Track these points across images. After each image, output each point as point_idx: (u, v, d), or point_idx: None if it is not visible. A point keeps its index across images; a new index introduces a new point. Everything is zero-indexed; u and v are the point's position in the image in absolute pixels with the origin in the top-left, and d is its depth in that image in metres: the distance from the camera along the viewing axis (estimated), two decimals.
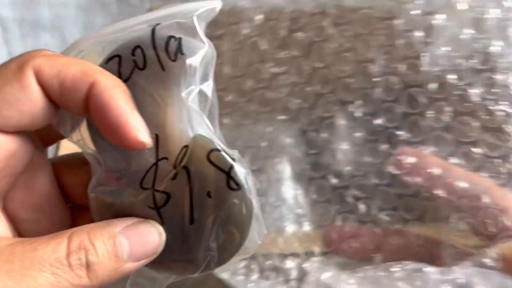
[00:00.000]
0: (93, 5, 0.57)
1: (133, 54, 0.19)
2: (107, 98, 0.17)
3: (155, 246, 0.18)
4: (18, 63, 0.17)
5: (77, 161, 0.21)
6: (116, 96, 0.17)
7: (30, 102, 0.17)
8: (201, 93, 0.19)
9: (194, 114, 0.19)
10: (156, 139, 0.18)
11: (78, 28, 0.58)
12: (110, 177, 0.19)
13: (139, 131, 0.17)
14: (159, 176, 0.18)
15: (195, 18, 0.19)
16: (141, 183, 0.19)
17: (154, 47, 0.18)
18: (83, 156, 0.20)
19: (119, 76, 0.19)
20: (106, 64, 0.19)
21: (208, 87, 0.19)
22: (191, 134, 0.19)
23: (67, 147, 0.34)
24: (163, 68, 0.18)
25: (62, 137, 0.20)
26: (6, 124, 0.17)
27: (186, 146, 0.18)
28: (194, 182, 0.18)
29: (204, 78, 0.19)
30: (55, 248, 0.16)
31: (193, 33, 0.19)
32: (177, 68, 0.18)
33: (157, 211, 0.18)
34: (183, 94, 0.18)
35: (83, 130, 0.19)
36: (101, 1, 0.57)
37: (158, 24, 0.19)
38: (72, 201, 0.21)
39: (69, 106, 0.18)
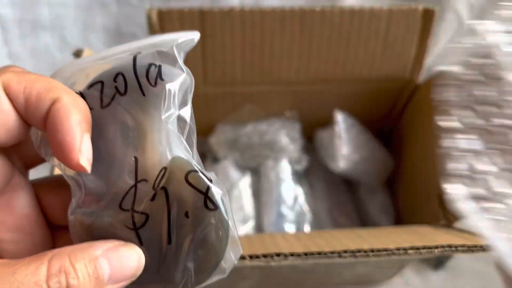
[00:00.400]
0: (93, 5, 0.57)
1: (115, 80, 0.19)
2: (62, 116, 0.17)
3: (135, 269, 0.18)
4: None
5: (58, 183, 0.21)
6: (71, 115, 0.17)
7: (3, 114, 0.17)
8: (180, 118, 0.20)
9: (172, 137, 0.19)
10: (135, 161, 0.19)
11: (78, 28, 0.58)
12: (89, 200, 0.19)
13: (82, 154, 0.17)
14: (138, 198, 0.19)
15: (174, 48, 0.20)
16: (120, 205, 0.19)
17: (136, 74, 0.19)
18: (64, 178, 0.20)
19: (101, 101, 0.19)
20: (88, 89, 0.19)
21: (187, 112, 0.20)
22: (169, 156, 0.19)
23: None
24: (143, 93, 0.19)
25: (44, 160, 0.21)
26: None
27: (164, 168, 0.19)
28: (172, 203, 0.18)
29: (183, 104, 0.20)
30: (34, 271, 0.15)
31: (173, 61, 0.20)
32: (157, 93, 0.19)
33: (135, 232, 0.18)
34: (163, 117, 0.19)
35: None
36: (101, 1, 0.57)
37: (139, 52, 0.19)
38: (53, 222, 0.21)
39: (34, 121, 0.18)
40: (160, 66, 0.19)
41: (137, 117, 0.19)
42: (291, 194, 0.53)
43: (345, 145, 0.52)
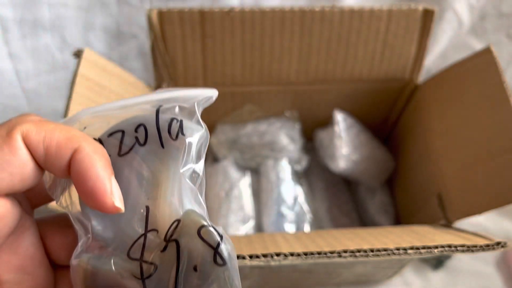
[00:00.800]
0: (93, 5, 0.57)
1: (136, 130, 0.20)
2: (86, 165, 0.17)
3: None
4: (7, 129, 0.17)
5: (63, 222, 0.21)
6: (96, 162, 0.18)
7: (20, 164, 0.17)
8: (194, 171, 0.20)
9: (187, 191, 0.20)
10: (147, 211, 0.19)
11: (78, 28, 0.58)
12: (96, 245, 0.19)
13: (114, 197, 0.18)
14: (147, 247, 0.19)
15: (196, 105, 0.20)
16: (129, 253, 0.19)
17: (158, 127, 0.20)
18: (68, 217, 0.20)
19: (119, 149, 0.20)
20: (108, 137, 0.20)
21: (201, 166, 0.20)
22: (182, 209, 0.19)
23: None
24: (162, 146, 0.20)
25: (49, 200, 0.21)
26: None
27: (178, 220, 0.19)
28: (182, 256, 0.19)
29: (198, 157, 0.20)
30: None
31: (193, 117, 0.20)
32: (177, 146, 0.20)
33: (142, 282, 0.19)
34: (181, 171, 0.20)
35: (73, 194, 0.20)
36: (101, 1, 0.57)
37: (161, 105, 0.20)
38: (56, 262, 0.21)
39: (53, 170, 0.18)
40: (181, 121, 0.20)
41: (153, 168, 0.20)
42: (291, 194, 0.53)
43: (345, 145, 0.52)
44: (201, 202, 0.20)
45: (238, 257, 0.32)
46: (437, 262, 0.53)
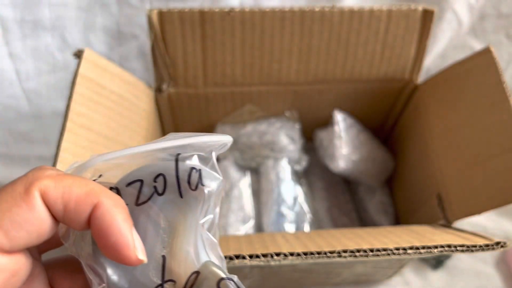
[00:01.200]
0: (93, 5, 0.57)
1: (155, 180, 0.20)
2: (108, 220, 0.17)
3: None
4: (25, 185, 0.17)
5: (70, 267, 0.21)
6: (116, 216, 0.18)
7: (38, 221, 0.17)
8: (212, 220, 0.21)
9: (206, 242, 0.20)
10: (163, 260, 0.19)
11: (78, 28, 0.58)
12: None
13: (137, 250, 0.18)
14: None
15: (213, 154, 0.20)
16: None
17: (177, 177, 0.19)
18: (76, 260, 0.20)
19: (137, 199, 0.20)
20: (127, 186, 0.20)
21: (216, 213, 0.21)
22: (198, 260, 0.20)
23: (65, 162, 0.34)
24: (181, 196, 0.20)
25: (58, 245, 0.21)
26: (14, 245, 0.17)
27: (197, 272, 0.19)
28: None
29: (215, 206, 0.21)
30: None
31: (211, 165, 0.20)
32: (196, 196, 0.20)
33: None
34: (201, 222, 0.20)
35: (87, 243, 0.20)
36: (101, 1, 0.57)
37: (179, 154, 0.20)
38: None
39: (72, 224, 0.18)
40: (200, 171, 0.20)
41: (170, 217, 0.20)
42: (291, 194, 0.53)
43: (344, 145, 0.52)
44: (220, 255, 0.20)
45: (238, 257, 0.32)
46: (437, 262, 0.54)
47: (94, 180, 0.19)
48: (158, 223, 0.20)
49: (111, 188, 0.19)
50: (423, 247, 0.34)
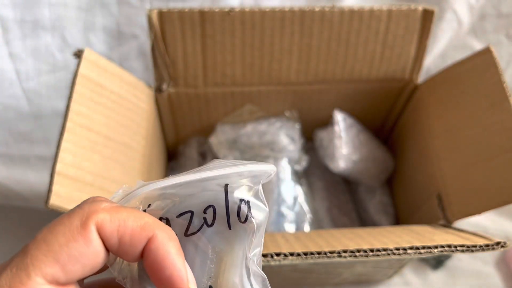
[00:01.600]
0: (93, 5, 0.57)
1: (204, 211, 0.20)
2: (163, 253, 0.18)
3: None
4: (81, 219, 0.18)
5: None
6: (171, 250, 0.18)
7: (94, 256, 0.18)
8: (259, 252, 0.21)
9: (255, 276, 0.20)
10: None
11: (78, 28, 0.58)
12: None
13: (190, 283, 0.18)
14: None
15: (260, 187, 0.21)
16: None
17: (227, 209, 0.20)
18: (119, 285, 0.20)
19: (186, 229, 0.20)
20: (177, 217, 0.20)
21: (261, 243, 0.21)
22: None
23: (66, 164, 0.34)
24: (230, 227, 0.20)
25: (101, 271, 0.21)
26: (69, 278, 0.18)
27: None
28: None
29: (261, 236, 0.21)
30: None
31: (257, 196, 0.21)
32: (245, 228, 0.20)
33: None
34: (250, 255, 0.20)
35: (134, 271, 0.20)
36: (101, 1, 0.57)
37: (227, 184, 0.20)
38: None
39: (126, 257, 0.19)
40: (249, 203, 0.20)
41: (218, 249, 0.20)
42: (291, 194, 0.53)
43: (344, 145, 0.52)
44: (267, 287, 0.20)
45: None
46: (437, 262, 0.54)
47: (144, 210, 0.20)
48: (206, 254, 0.20)
49: (161, 219, 0.20)
50: (423, 247, 0.34)
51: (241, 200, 0.20)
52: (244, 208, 0.20)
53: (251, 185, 0.20)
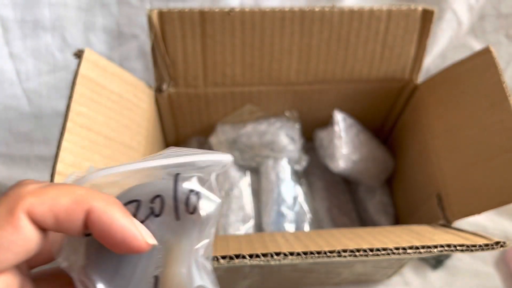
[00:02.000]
0: (93, 5, 0.57)
1: (152, 201, 0.20)
2: (106, 221, 0.17)
3: None
4: (7, 206, 0.17)
5: (60, 281, 0.21)
6: (114, 214, 0.18)
7: (25, 241, 0.17)
8: (208, 243, 0.21)
9: (200, 267, 0.20)
10: (155, 281, 0.19)
11: (78, 28, 0.58)
12: None
13: (146, 237, 0.18)
14: None
15: (213, 176, 0.20)
16: None
17: (175, 199, 0.19)
18: (65, 274, 0.19)
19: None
20: (125, 205, 0.20)
21: (212, 234, 0.21)
22: (193, 284, 0.20)
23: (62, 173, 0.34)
24: (177, 218, 0.20)
25: (49, 261, 0.21)
26: (2, 266, 0.17)
27: None
28: None
29: (211, 228, 0.21)
30: None
31: (209, 187, 0.20)
32: (193, 220, 0.20)
33: None
34: (197, 246, 0.20)
35: (80, 258, 0.20)
36: (101, 1, 0.57)
37: (178, 173, 0.20)
38: None
39: (68, 232, 0.18)
40: (199, 194, 0.20)
41: (165, 239, 0.20)
42: (291, 194, 0.53)
43: (344, 145, 0.52)
44: (216, 283, 0.20)
45: (238, 256, 0.32)
46: (437, 262, 0.54)
47: None
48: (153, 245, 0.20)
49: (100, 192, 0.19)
50: (423, 247, 0.34)
51: (191, 190, 0.19)
52: (193, 198, 0.19)
53: (203, 175, 0.20)
